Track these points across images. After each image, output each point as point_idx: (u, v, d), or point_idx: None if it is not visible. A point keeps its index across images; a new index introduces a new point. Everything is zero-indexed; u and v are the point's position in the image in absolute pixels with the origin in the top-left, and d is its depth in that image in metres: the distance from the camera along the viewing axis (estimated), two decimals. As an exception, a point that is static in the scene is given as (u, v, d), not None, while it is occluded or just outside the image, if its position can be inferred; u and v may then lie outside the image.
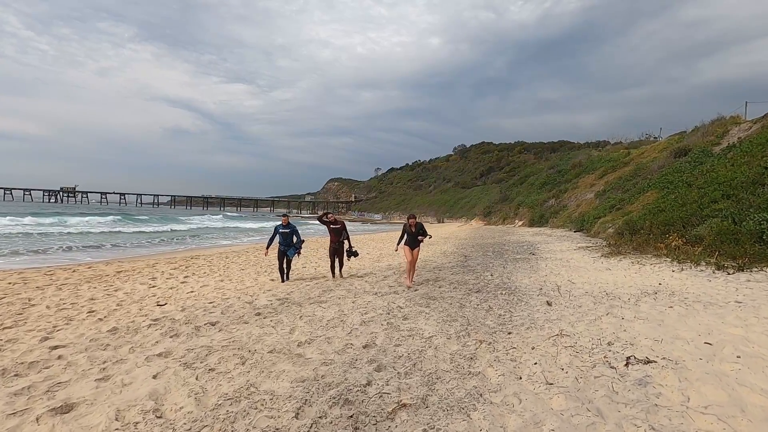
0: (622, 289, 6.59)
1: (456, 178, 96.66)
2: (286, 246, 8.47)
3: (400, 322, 5.11)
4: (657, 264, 8.90)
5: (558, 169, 45.92)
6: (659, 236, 12.04)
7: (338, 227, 8.70)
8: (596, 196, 28.64)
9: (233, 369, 3.67)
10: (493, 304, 5.94)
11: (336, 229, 8.69)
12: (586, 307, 5.45)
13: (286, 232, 8.47)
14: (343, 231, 8.74)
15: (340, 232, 8.71)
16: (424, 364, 3.65)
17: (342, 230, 8.73)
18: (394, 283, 8.15)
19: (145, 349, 4.28)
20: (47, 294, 7.21)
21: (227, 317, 5.62)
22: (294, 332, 4.82)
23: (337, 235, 8.70)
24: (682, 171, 18.73)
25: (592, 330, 4.38)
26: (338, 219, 8.83)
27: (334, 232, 8.70)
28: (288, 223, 8.55)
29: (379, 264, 11.47)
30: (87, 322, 5.43)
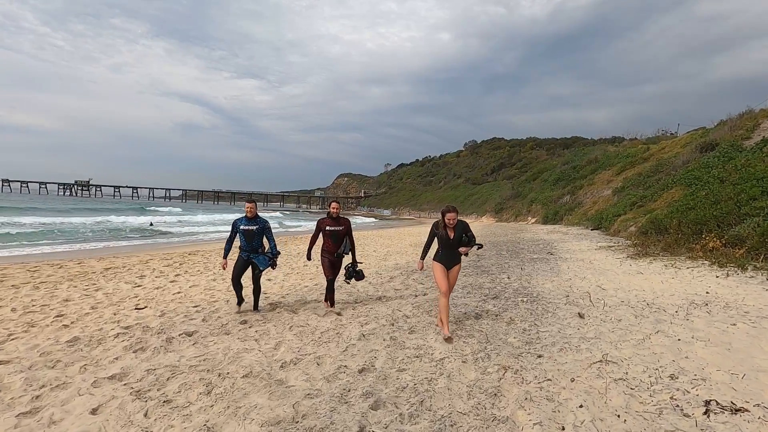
0: (664, 298, 5.71)
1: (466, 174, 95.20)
2: (251, 251, 5.37)
3: (405, 337, 4.33)
4: (694, 268, 7.96)
5: (572, 164, 44.53)
6: (690, 236, 11.07)
7: (339, 230, 5.49)
8: (614, 192, 27.46)
9: (194, 401, 2.92)
10: (515, 314, 5.12)
11: (335, 233, 5.46)
12: (627, 322, 4.60)
13: (250, 231, 5.31)
14: (345, 237, 5.55)
15: (340, 239, 5.51)
16: (435, 400, 2.86)
17: (344, 235, 5.54)
18: (401, 285, 7.37)
19: (98, 369, 3.56)
20: (20, 294, 6.58)
21: (208, 325, 4.90)
22: (279, 348, 4.07)
23: (335, 242, 5.49)
24: (710, 166, 17.57)
25: (643, 355, 3.54)
26: (342, 217, 5.59)
27: (330, 237, 5.47)
28: (256, 216, 5.38)
29: (386, 263, 10.70)
30: (48, 330, 4.76)
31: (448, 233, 4.35)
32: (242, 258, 5.40)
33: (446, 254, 4.41)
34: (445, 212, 4.34)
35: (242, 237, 5.34)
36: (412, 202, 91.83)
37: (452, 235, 4.34)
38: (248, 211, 5.33)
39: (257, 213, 5.39)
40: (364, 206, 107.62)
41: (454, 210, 4.37)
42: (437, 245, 4.48)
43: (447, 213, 4.33)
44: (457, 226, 4.35)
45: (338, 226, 5.49)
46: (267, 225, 5.44)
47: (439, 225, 4.40)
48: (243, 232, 5.31)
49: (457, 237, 4.34)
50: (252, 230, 5.33)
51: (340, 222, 5.51)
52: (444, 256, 4.42)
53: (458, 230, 4.35)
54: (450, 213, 4.32)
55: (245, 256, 5.39)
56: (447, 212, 4.33)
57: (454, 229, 4.36)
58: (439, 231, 4.39)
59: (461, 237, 4.36)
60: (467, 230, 4.42)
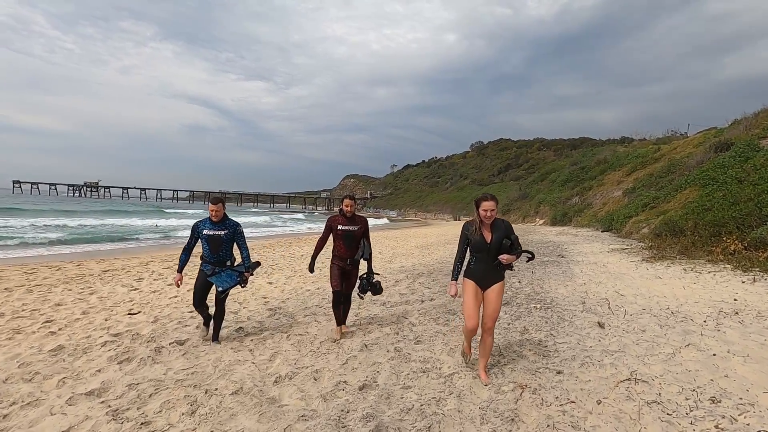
0: (689, 305, 5.33)
1: (473, 175, 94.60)
2: (216, 264, 4.14)
3: (411, 348, 4.01)
4: (716, 272, 7.55)
5: (581, 165, 43.91)
6: (709, 238, 10.62)
7: (354, 230, 4.39)
8: (624, 193, 26.92)
9: (175, 423, 2.63)
10: (528, 323, 4.77)
11: (349, 234, 4.37)
12: (652, 332, 4.23)
13: (216, 237, 4.09)
14: (362, 239, 4.47)
15: (356, 241, 4.42)
16: (444, 425, 2.54)
17: (360, 237, 4.45)
18: (407, 289, 7.04)
19: (77, 382, 3.28)
20: (12, 297, 6.35)
21: (201, 332, 4.61)
22: (275, 360, 3.77)
23: (348, 246, 4.39)
24: (726, 166, 17.03)
25: (676, 372, 3.19)
26: (358, 216, 4.52)
27: (343, 239, 4.37)
28: (224, 218, 4.17)
29: (391, 265, 10.37)
30: (34, 337, 4.50)
31: (484, 235, 3.11)
32: (205, 273, 4.14)
33: (481, 267, 3.13)
34: (481, 201, 3.11)
35: (205, 245, 4.10)
36: (419, 203, 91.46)
37: (490, 238, 3.09)
38: (212, 212, 4.09)
39: (226, 214, 4.19)
40: (370, 207, 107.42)
41: (492, 198, 3.09)
42: (469, 254, 3.26)
43: (483, 201, 3.09)
44: (496, 225, 3.14)
45: (353, 225, 4.39)
46: (239, 229, 4.22)
47: (472, 224, 3.20)
48: (207, 239, 4.07)
49: (496, 241, 3.08)
50: (218, 236, 4.08)
51: (355, 221, 4.42)
52: (478, 269, 3.14)
53: (498, 231, 3.12)
54: (487, 202, 3.06)
55: (208, 270, 4.11)
56: (483, 200, 3.09)
57: (493, 229, 3.13)
58: (471, 233, 3.16)
59: (502, 240, 3.10)
60: (510, 232, 3.17)
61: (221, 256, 4.17)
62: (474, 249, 3.18)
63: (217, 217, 4.12)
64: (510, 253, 3.13)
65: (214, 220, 4.12)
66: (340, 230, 4.38)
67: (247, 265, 4.24)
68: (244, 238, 4.29)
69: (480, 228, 3.15)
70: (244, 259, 4.24)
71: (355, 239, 4.42)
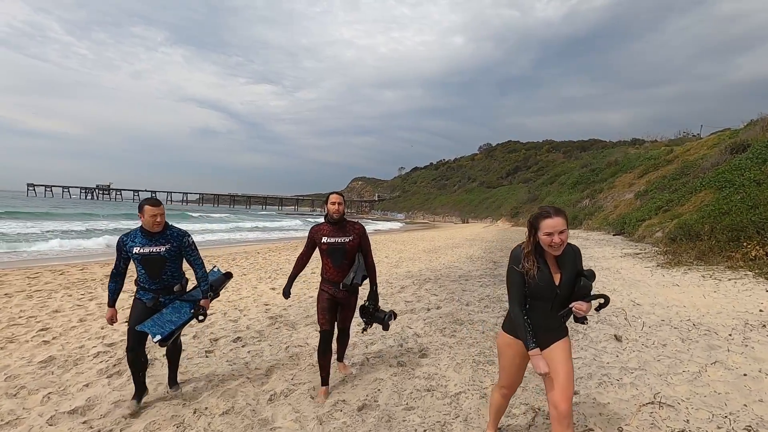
0: (711, 316, 5.03)
1: (481, 178, 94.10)
2: (160, 292, 3.01)
3: (415, 362, 3.78)
4: (737, 279, 7.20)
5: (591, 167, 43.34)
6: (727, 243, 10.23)
7: (345, 243, 3.18)
8: (636, 196, 26.40)
9: (158, 448, 2.44)
10: (540, 335, 4.51)
11: (337, 249, 3.18)
12: (674, 347, 3.96)
13: (153, 256, 2.91)
14: (356, 255, 3.26)
15: (348, 258, 3.22)
16: (449, 455, 2.31)
17: (354, 251, 3.25)
18: (412, 296, 6.81)
19: (62, 398, 3.12)
20: (11, 303, 6.25)
21: (198, 342, 4.45)
22: (271, 374, 3.57)
23: (338, 265, 3.20)
24: (743, 168, 16.54)
25: (704, 395, 2.92)
26: (349, 221, 3.30)
27: (330, 255, 3.20)
28: (164, 229, 2.97)
29: (397, 270, 10.15)
30: (27, 346, 4.36)
31: (550, 270, 2.04)
32: (142, 305, 2.98)
33: (537, 318, 2.07)
34: (542, 219, 2.00)
35: (141, 268, 2.93)
36: (426, 206, 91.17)
37: (559, 278, 2.04)
38: (150, 221, 2.82)
39: (167, 222, 2.98)
40: (378, 210, 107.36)
41: (559, 213, 2.00)
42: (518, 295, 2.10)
43: (545, 220, 1.98)
44: (566, 257, 2.05)
45: (343, 236, 3.15)
46: (186, 241, 3.01)
47: (524, 254, 2.05)
48: (140, 260, 2.88)
49: (567, 281, 2.04)
50: (156, 254, 2.86)
51: (345, 229, 3.18)
52: (535, 322, 2.06)
53: (568, 264, 2.06)
54: (552, 219, 1.97)
55: (149, 301, 2.96)
56: (544, 218, 1.99)
57: (561, 262, 2.05)
58: (528, 269, 2.02)
59: (575, 280, 2.05)
60: (580, 261, 2.12)
61: (166, 281, 2.98)
62: (533, 294, 2.05)
63: (158, 226, 2.87)
64: (584, 298, 2.02)
65: (154, 231, 2.87)
66: (325, 244, 3.17)
67: (204, 287, 3.09)
68: (196, 251, 3.08)
69: (540, 260, 2.02)
70: (200, 281, 3.10)
71: (346, 255, 3.18)
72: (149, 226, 2.85)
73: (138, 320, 2.96)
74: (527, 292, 2.07)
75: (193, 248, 3.08)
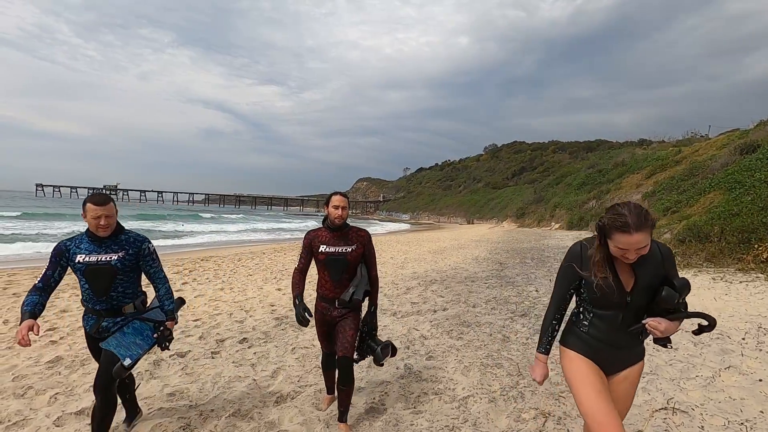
0: (723, 320, 4.94)
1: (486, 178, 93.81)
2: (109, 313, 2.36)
3: (422, 365, 3.75)
4: (749, 282, 7.10)
5: (598, 168, 43.06)
6: (737, 245, 10.10)
7: (346, 253, 2.64)
8: (644, 197, 26.16)
9: (165, 451, 2.43)
10: (548, 337, 4.46)
11: (336, 260, 2.65)
12: (686, 351, 3.89)
13: (103, 267, 2.27)
14: (358, 267, 2.71)
15: (349, 271, 2.68)
16: (458, 461, 2.28)
17: (356, 263, 2.69)
18: (418, 298, 6.77)
19: (69, 399, 3.12)
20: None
21: (204, 344, 4.44)
22: (278, 376, 3.55)
23: (336, 278, 2.67)
24: (753, 169, 16.34)
25: (718, 400, 2.86)
26: (353, 227, 2.76)
27: (328, 267, 2.67)
28: (119, 232, 2.36)
29: (403, 271, 10.11)
30: (35, 346, 4.36)
31: (620, 276, 1.68)
32: (90, 332, 2.40)
33: (607, 332, 1.72)
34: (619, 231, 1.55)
35: (84, 282, 2.31)
36: (431, 207, 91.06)
37: (632, 283, 1.68)
38: (93, 224, 2.24)
39: (121, 225, 2.40)
40: (383, 210, 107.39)
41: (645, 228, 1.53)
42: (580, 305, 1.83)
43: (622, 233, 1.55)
44: (646, 259, 1.64)
45: (344, 245, 2.65)
46: (146, 248, 2.42)
47: (588, 256, 1.71)
48: (84, 271, 2.28)
49: (643, 287, 1.66)
50: (105, 265, 2.28)
51: (348, 237, 2.68)
52: (600, 335, 1.73)
53: (648, 267, 1.67)
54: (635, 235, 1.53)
55: (91, 327, 2.38)
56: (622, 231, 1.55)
57: (638, 266, 1.66)
58: (591, 270, 1.69)
59: (656, 287, 1.65)
60: (670, 267, 1.70)
61: (114, 300, 2.34)
62: (598, 302, 1.70)
63: (105, 230, 2.26)
64: (669, 314, 1.61)
65: (101, 235, 2.27)
66: (323, 253, 2.64)
67: (168, 308, 2.49)
68: (158, 262, 2.50)
69: (605, 263, 1.66)
70: (164, 300, 2.49)
71: (347, 268, 2.65)
72: (94, 229, 2.26)
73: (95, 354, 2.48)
74: (592, 299, 1.71)
75: (154, 258, 2.46)
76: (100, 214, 2.23)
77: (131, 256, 2.36)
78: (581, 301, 1.81)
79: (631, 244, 1.53)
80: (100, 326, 2.36)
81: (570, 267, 1.74)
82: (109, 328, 2.37)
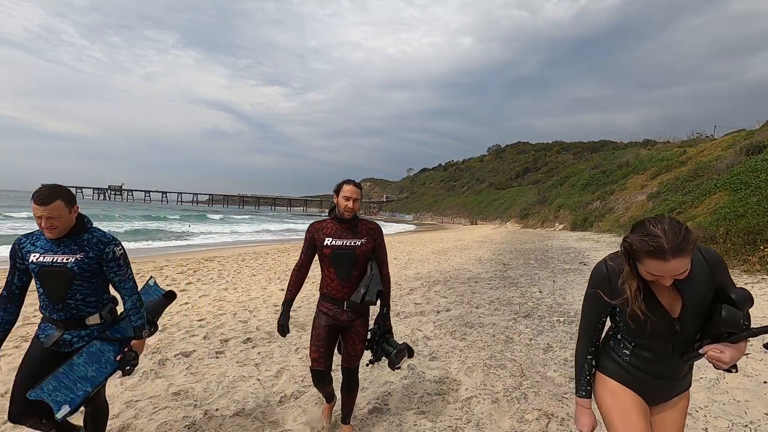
0: (728, 321, 4.92)
1: (490, 179, 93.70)
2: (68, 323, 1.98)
3: (425, 365, 3.76)
4: (754, 283, 7.07)
5: (602, 169, 42.93)
6: (743, 246, 10.05)
7: (356, 247, 2.36)
8: (649, 198, 26.09)
9: (170, 450, 2.45)
10: (552, 339, 4.46)
11: (343, 255, 2.35)
12: (690, 353, 3.88)
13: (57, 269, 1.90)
14: (369, 263, 2.41)
15: (358, 266, 2.38)
16: (461, 461, 2.29)
17: (366, 259, 2.40)
18: (422, 299, 6.78)
19: (76, 398, 3.15)
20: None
21: (209, 343, 4.47)
22: (281, 376, 3.57)
23: (344, 276, 2.36)
24: (759, 170, 16.24)
25: (722, 402, 2.86)
26: (363, 220, 2.47)
27: (334, 263, 2.37)
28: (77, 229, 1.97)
29: (406, 272, 10.13)
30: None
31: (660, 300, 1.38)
32: (37, 347, 2.04)
33: (652, 362, 1.45)
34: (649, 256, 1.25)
35: (37, 283, 1.97)
36: (435, 207, 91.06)
37: (679, 308, 1.37)
38: (40, 225, 1.89)
39: (84, 220, 2.04)
40: (387, 211, 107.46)
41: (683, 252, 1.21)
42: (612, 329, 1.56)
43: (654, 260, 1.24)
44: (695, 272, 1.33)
45: (353, 237, 2.37)
46: (110, 253, 2.01)
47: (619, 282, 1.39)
48: (37, 271, 1.93)
49: (694, 307, 1.36)
50: (60, 267, 1.93)
51: (358, 230, 2.40)
52: (644, 365, 1.46)
53: (698, 282, 1.35)
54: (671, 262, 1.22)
55: (47, 338, 2.00)
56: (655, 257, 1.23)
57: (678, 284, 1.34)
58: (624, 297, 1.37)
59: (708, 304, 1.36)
60: (725, 276, 1.38)
61: (73, 308, 1.97)
62: (638, 331, 1.42)
63: (50, 232, 1.90)
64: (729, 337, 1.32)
65: (48, 237, 1.93)
66: (328, 247, 2.36)
67: (135, 323, 2.07)
68: (125, 268, 2.07)
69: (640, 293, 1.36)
70: (131, 313, 2.07)
71: (356, 264, 2.37)
72: (43, 230, 1.91)
73: (28, 375, 1.94)
74: (632, 329, 1.42)
75: (121, 263, 2.04)
76: (40, 214, 1.84)
77: (91, 260, 1.97)
78: (618, 329, 1.52)
79: (666, 271, 1.25)
80: (62, 339, 1.98)
81: (596, 294, 1.45)
82: (72, 342, 1.99)
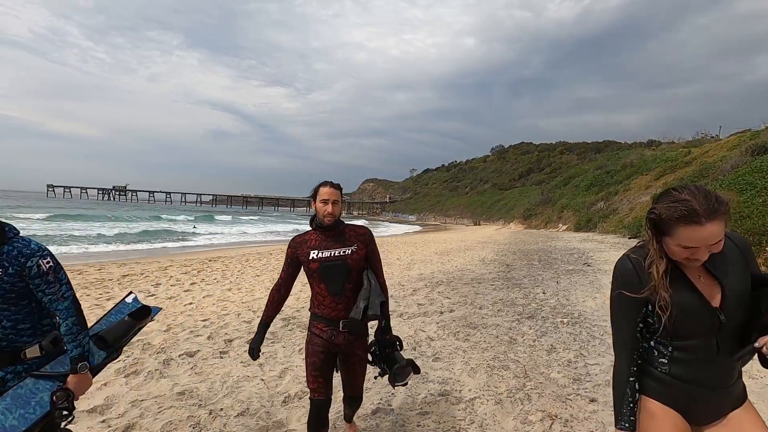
0: (733, 323, 4.89)
1: (493, 180, 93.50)
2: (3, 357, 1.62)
3: (429, 366, 3.76)
4: (760, 285, 7.00)
5: (606, 169, 42.75)
6: (748, 248, 10.02)
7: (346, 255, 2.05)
8: (653, 198, 25.95)
9: (175, 449, 2.47)
10: (555, 340, 4.45)
11: (334, 268, 2.04)
12: (695, 355, 3.86)
13: None
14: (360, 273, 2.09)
15: (352, 277, 2.06)
16: (464, 462, 2.29)
17: (361, 266, 2.09)
18: (425, 299, 6.78)
19: (82, 397, 3.16)
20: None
21: (213, 343, 4.49)
22: (285, 376, 3.59)
23: (337, 292, 2.04)
24: (764, 170, 16.13)
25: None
26: (349, 225, 2.16)
27: (325, 279, 2.05)
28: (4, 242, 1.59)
29: (410, 272, 10.12)
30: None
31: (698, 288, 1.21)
32: None
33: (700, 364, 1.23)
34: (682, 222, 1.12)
35: None
36: (438, 208, 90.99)
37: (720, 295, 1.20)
38: None
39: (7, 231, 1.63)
40: (390, 211, 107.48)
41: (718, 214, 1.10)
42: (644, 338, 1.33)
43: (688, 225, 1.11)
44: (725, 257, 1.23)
45: (341, 246, 2.09)
46: (33, 267, 1.60)
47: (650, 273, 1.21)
48: None
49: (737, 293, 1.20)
50: None
51: (344, 237, 2.12)
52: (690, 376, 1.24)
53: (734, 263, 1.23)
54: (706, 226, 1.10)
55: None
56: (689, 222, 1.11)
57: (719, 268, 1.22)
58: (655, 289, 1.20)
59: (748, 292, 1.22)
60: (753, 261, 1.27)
61: (4, 338, 1.63)
62: (677, 332, 1.24)
63: None
64: None
65: None
66: (314, 261, 2.07)
67: (75, 353, 1.65)
68: (55, 284, 1.66)
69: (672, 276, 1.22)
70: (66, 340, 1.66)
71: (349, 276, 2.07)
72: None
73: None
74: (670, 329, 1.21)
75: (50, 279, 1.64)
76: None
77: (11, 277, 1.59)
78: (650, 333, 1.30)
79: (701, 239, 1.11)
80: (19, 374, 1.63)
81: (621, 295, 1.26)
82: (6, 380, 1.62)
